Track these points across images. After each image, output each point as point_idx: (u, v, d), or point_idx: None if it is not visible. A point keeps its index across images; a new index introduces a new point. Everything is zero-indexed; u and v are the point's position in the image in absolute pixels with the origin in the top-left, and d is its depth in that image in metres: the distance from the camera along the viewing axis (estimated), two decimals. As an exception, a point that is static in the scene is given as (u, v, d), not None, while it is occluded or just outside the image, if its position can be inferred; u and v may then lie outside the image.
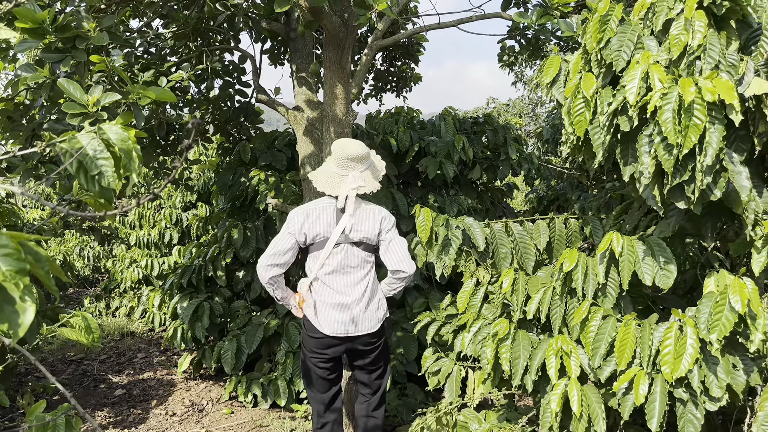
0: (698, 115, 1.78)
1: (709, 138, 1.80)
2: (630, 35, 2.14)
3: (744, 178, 1.92)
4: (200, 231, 6.26)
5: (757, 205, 2.11)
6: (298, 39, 4.26)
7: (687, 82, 1.79)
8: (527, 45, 4.89)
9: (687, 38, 1.94)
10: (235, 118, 5.36)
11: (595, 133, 2.12)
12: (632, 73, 1.97)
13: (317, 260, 3.02)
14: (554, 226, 2.93)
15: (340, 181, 2.95)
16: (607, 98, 2.08)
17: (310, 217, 2.98)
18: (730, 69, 1.96)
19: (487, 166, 6.07)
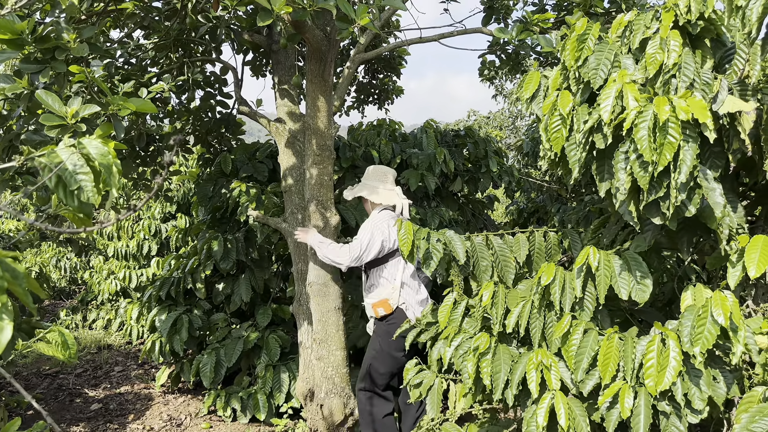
0: (673, 134, 1.82)
1: (683, 155, 1.84)
2: (607, 53, 2.18)
3: (718, 194, 1.96)
4: (179, 242, 6.20)
5: (732, 220, 2.16)
6: (280, 51, 4.26)
7: (662, 101, 1.82)
8: (507, 60, 4.95)
9: (663, 57, 1.98)
10: (216, 129, 5.33)
11: (572, 149, 2.15)
12: (607, 91, 2.01)
13: (399, 265, 3.51)
14: (534, 240, 2.96)
15: (393, 195, 3.61)
16: (583, 116, 2.11)
17: (391, 226, 3.50)
18: (705, 87, 2.00)
19: (468, 178, 6.11)
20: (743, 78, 2.28)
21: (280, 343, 4.57)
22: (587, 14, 4.16)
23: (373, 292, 3.54)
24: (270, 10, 2.81)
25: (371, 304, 3.52)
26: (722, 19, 2.21)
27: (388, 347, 3.46)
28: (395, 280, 3.51)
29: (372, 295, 3.53)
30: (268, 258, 5.08)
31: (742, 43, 2.24)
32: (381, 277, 3.52)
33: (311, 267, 3.78)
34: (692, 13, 2.11)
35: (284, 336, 4.66)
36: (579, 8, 4.15)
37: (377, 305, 3.49)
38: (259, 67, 5.57)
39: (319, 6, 2.96)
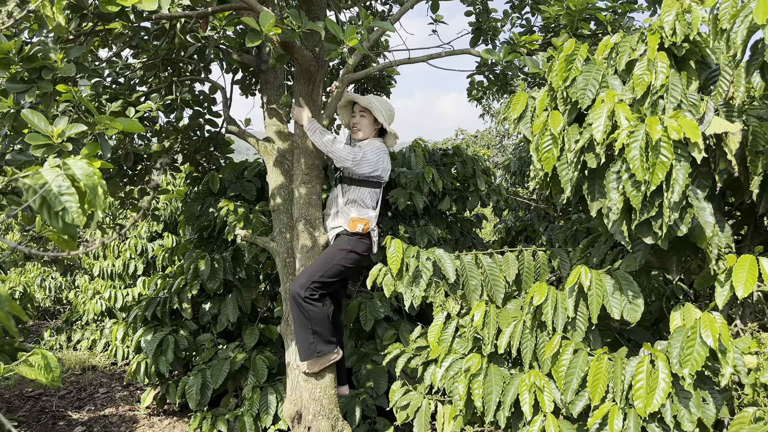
0: (665, 153, 1.83)
1: (676, 175, 1.85)
2: (595, 74, 2.20)
3: (708, 213, 1.97)
4: (166, 262, 6.14)
5: (720, 239, 2.17)
6: (269, 71, 4.26)
7: (654, 121, 1.84)
8: (495, 80, 4.99)
9: (650, 78, 2.00)
10: (204, 147, 5.31)
11: (563, 169, 2.15)
12: (598, 111, 2.02)
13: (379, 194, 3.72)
14: (523, 259, 2.96)
15: None
16: (574, 136, 2.12)
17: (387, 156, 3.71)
18: (692, 108, 2.02)
19: (456, 197, 6.13)
20: (728, 99, 2.31)
21: (267, 364, 4.51)
22: (574, 36, 4.21)
23: (354, 208, 3.63)
24: (259, 32, 2.82)
25: (352, 217, 3.59)
26: (707, 42, 2.24)
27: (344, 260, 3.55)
28: (377, 206, 3.71)
29: (353, 210, 3.62)
30: (255, 277, 5.04)
31: (726, 64, 2.27)
32: (366, 198, 3.64)
33: (300, 287, 3.75)
34: (677, 35, 2.14)
35: (272, 357, 4.60)
36: (565, 30, 4.19)
37: (358, 221, 3.57)
38: (249, 86, 5.56)
39: (308, 27, 2.97)
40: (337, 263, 3.55)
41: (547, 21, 4.49)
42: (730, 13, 1.94)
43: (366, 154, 3.56)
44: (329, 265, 3.55)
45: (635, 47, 2.25)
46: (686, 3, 2.20)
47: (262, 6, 3.11)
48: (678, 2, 2.20)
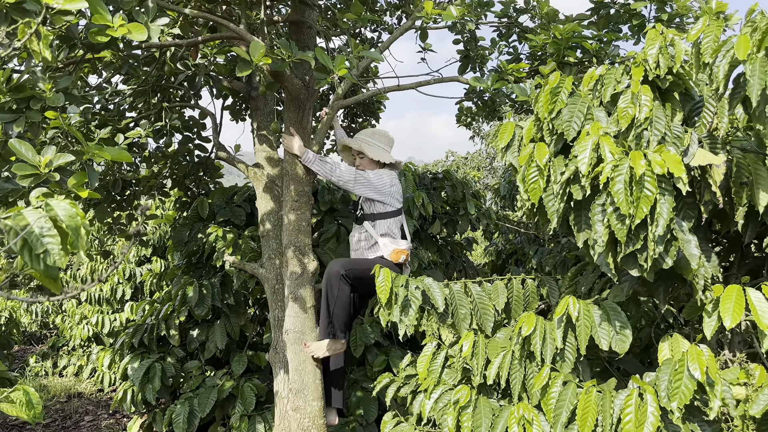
0: (649, 187, 1.84)
1: (660, 209, 1.86)
2: (580, 106, 2.23)
3: (693, 246, 1.98)
4: (154, 287, 6.08)
5: (707, 270, 2.18)
6: (259, 98, 4.28)
7: (637, 156, 1.86)
8: (484, 106, 5.03)
9: (634, 111, 2.03)
10: (193, 172, 5.30)
11: (549, 200, 2.17)
12: (583, 143, 2.04)
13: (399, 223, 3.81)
14: (512, 287, 2.96)
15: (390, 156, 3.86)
16: (559, 167, 2.14)
17: (395, 180, 3.81)
18: (676, 141, 2.05)
19: (446, 221, 6.14)
20: (712, 130, 2.34)
21: (255, 392, 4.46)
22: (560, 64, 4.26)
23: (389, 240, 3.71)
24: (249, 61, 2.83)
25: (395, 249, 3.67)
26: (690, 74, 2.28)
27: None
28: (408, 235, 3.86)
29: (394, 241, 3.72)
30: (244, 303, 5.00)
31: (710, 96, 2.30)
32: (393, 228, 3.75)
33: (288, 314, 3.72)
34: (661, 68, 2.17)
35: (260, 384, 4.55)
36: (552, 58, 4.25)
37: (401, 252, 3.68)
38: (239, 112, 5.58)
39: (298, 57, 3.00)
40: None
41: (534, 49, 4.55)
42: (712, 48, 1.98)
43: (369, 176, 3.68)
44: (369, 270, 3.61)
45: (620, 79, 2.28)
46: (669, 36, 2.24)
47: (252, 36, 3.14)
48: (661, 36, 2.24)
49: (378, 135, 3.92)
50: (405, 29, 4.43)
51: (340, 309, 3.58)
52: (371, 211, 3.75)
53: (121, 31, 2.40)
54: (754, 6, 1.95)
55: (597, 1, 4.50)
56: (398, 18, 6.03)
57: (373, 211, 3.75)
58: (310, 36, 3.62)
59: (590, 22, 4.67)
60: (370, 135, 3.91)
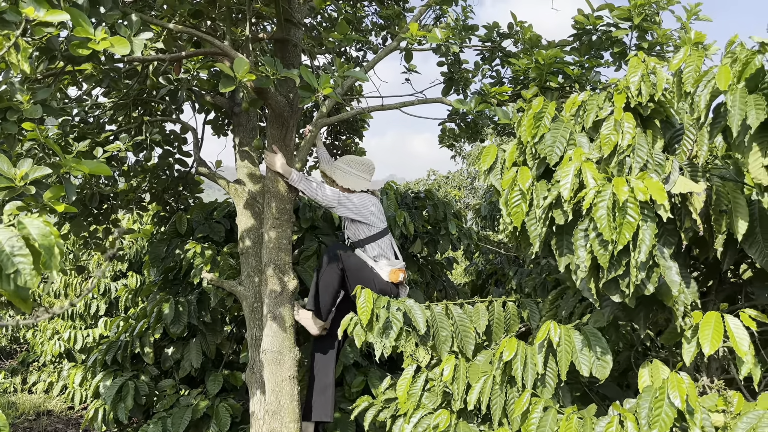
0: (632, 213, 1.85)
1: (643, 235, 1.87)
2: (563, 132, 2.24)
3: (674, 272, 1.99)
4: (129, 303, 5.97)
5: (686, 297, 2.19)
6: (242, 114, 4.26)
7: (620, 182, 1.87)
8: (466, 128, 5.06)
9: (617, 138, 2.04)
10: (173, 187, 5.23)
11: (532, 224, 2.17)
12: (566, 169, 2.04)
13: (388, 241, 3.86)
14: (493, 310, 2.95)
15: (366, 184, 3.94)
16: (542, 192, 2.14)
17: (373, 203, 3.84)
18: (658, 168, 2.07)
19: (427, 240, 6.13)
20: (691, 158, 2.36)
21: (230, 413, 4.37)
22: (542, 89, 4.31)
23: (384, 261, 3.75)
24: (233, 77, 2.81)
25: (391, 268, 3.72)
26: (671, 102, 2.31)
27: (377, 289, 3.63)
28: (399, 257, 3.93)
29: (389, 262, 3.76)
30: (220, 321, 4.92)
31: (690, 124, 2.33)
32: (386, 249, 3.80)
33: (266, 333, 3.67)
34: (643, 95, 2.20)
35: (235, 405, 4.46)
36: (534, 83, 4.29)
37: (399, 271, 3.73)
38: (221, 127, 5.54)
39: (283, 75, 2.98)
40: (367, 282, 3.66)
41: (517, 73, 4.59)
42: (694, 78, 2.01)
43: (353, 199, 3.73)
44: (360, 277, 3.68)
45: (602, 106, 2.30)
46: (651, 65, 2.27)
47: (237, 52, 3.12)
48: (643, 64, 2.27)
49: (355, 163, 3.97)
50: (390, 50, 4.45)
51: (324, 290, 3.71)
52: (357, 237, 3.78)
53: (104, 44, 2.37)
54: (734, 37, 1.99)
55: (579, 28, 4.57)
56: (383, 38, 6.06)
57: (359, 237, 3.77)
58: (295, 54, 3.62)
59: (572, 47, 4.74)
60: (346, 163, 3.97)
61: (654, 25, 4.26)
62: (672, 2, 4.33)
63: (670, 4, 4.33)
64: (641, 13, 4.13)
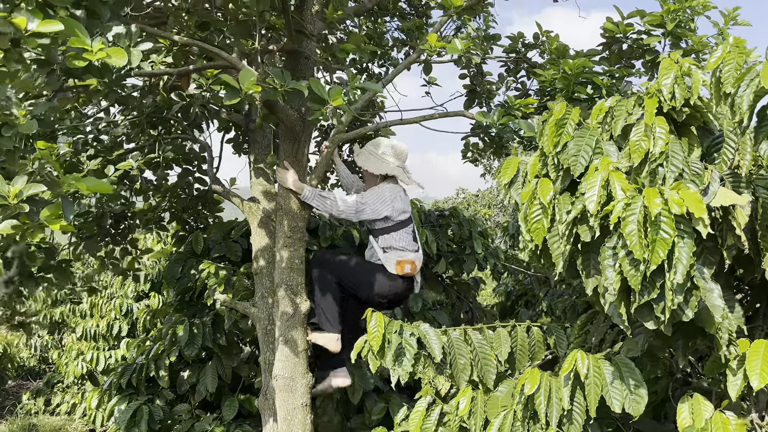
0: (666, 229, 1.64)
1: (679, 253, 1.65)
2: (588, 140, 2.04)
3: (716, 296, 1.76)
4: (148, 324, 5.88)
5: (731, 323, 1.95)
6: (257, 130, 4.15)
7: (652, 193, 1.65)
8: (491, 142, 4.87)
9: (648, 145, 1.83)
10: (192, 206, 5.16)
11: (554, 242, 1.96)
12: (591, 180, 1.84)
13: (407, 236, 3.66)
14: (516, 335, 2.73)
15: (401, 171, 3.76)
16: (565, 206, 1.94)
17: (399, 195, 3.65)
18: (695, 178, 1.85)
19: (452, 259, 5.92)
20: (733, 168, 2.13)
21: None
22: (570, 100, 4.10)
23: (392, 253, 3.60)
24: (238, 89, 2.69)
25: (398, 259, 3.56)
26: (709, 107, 2.09)
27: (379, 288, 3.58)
28: (418, 248, 3.73)
29: (398, 252, 3.60)
30: (237, 344, 4.78)
31: (730, 131, 2.11)
32: (396, 241, 3.61)
33: (278, 358, 3.50)
34: (677, 99, 1.99)
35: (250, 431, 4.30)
36: (561, 94, 4.09)
37: (406, 262, 3.56)
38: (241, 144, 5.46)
39: (291, 86, 2.85)
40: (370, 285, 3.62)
41: (543, 85, 4.39)
42: (734, 77, 1.79)
43: (366, 200, 3.56)
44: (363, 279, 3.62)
45: (631, 111, 2.10)
46: (685, 66, 2.06)
47: (245, 64, 3.01)
48: (676, 65, 2.06)
49: (381, 145, 3.78)
50: (410, 62, 4.30)
51: (325, 303, 3.57)
52: (373, 226, 3.65)
53: (100, 55, 2.27)
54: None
55: (609, 36, 4.36)
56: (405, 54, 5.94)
57: (374, 227, 3.64)
58: (308, 66, 3.50)
59: (602, 57, 4.53)
60: (373, 144, 3.80)
61: (689, 32, 4.03)
62: (708, 7, 4.10)
63: (706, 9, 4.09)
64: (675, 19, 3.90)
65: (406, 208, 3.71)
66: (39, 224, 2.49)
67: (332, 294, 3.61)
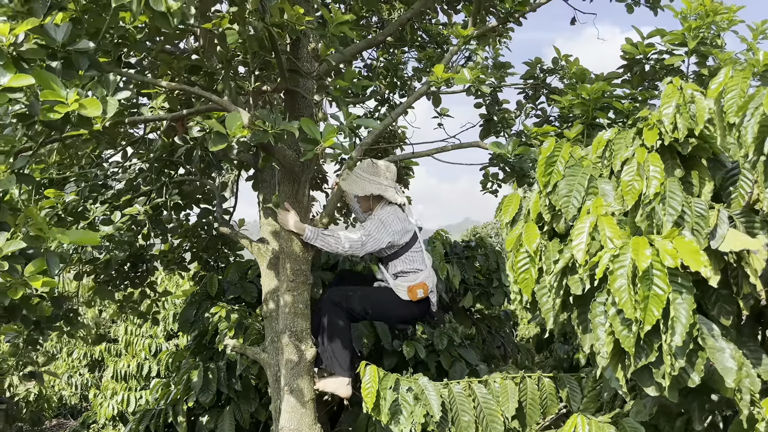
0: (659, 284, 1.43)
1: (676, 312, 1.43)
2: (580, 178, 1.84)
3: (728, 356, 1.53)
4: (171, 367, 5.84)
5: (753, 382, 1.69)
6: (265, 170, 4.08)
7: (641, 243, 1.45)
8: (512, 172, 4.66)
9: (641, 186, 1.63)
10: (212, 245, 5.12)
11: (543, 295, 1.76)
12: (580, 225, 1.64)
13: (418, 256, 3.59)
14: (525, 388, 2.51)
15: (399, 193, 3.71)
16: (553, 254, 1.74)
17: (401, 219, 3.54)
18: (699, 221, 1.63)
19: (479, 292, 5.69)
20: (752, 203, 1.89)
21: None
22: (591, 126, 3.88)
23: (408, 276, 3.53)
24: (224, 134, 2.60)
25: (408, 286, 3.48)
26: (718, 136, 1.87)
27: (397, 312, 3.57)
28: (426, 265, 3.61)
29: (408, 279, 3.53)
30: (254, 388, 4.65)
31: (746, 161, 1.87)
32: (407, 265, 3.53)
33: (284, 408, 3.35)
34: (680, 130, 1.78)
35: (266, 481, 4.14)
36: (580, 120, 3.87)
37: (417, 287, 3.49)
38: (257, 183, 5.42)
39: (282, 128, 2.75)
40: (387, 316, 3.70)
41: (563, 111, 4.19)
42: (738, 105, 1.58)
43: (370, 232, 3.46)
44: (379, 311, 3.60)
45: (630, 145, 1.90)
46: (689, 92, 1.85)
47: (237, 107, 2.93)
48: (679, 92, 1.86)
49: (366, 165, 3.63)
50: (420, 94, 4.16)
51: (333, 342, 3.45)
52: (380, 255, 3.56)
53: (74, 106, 2.21)
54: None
55: (629, 58, 4.13)
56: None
57: (381, 255, 3.56)
58: (306, 105, 3.40)
59: (624, 80, 4.30)
60: (360, 168, 3.63)
61: (714, 49, 3.77)
62: (734, 22, 3.83)
63: (732, 24, 3.83)
64: (696, 37, 3.65)
65: (408, 227, 3.57)
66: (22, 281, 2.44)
67: (344, 336, 3.47)
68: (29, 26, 2.21)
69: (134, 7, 2.09)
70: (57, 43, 2.31)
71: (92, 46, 2.34)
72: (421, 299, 3.52)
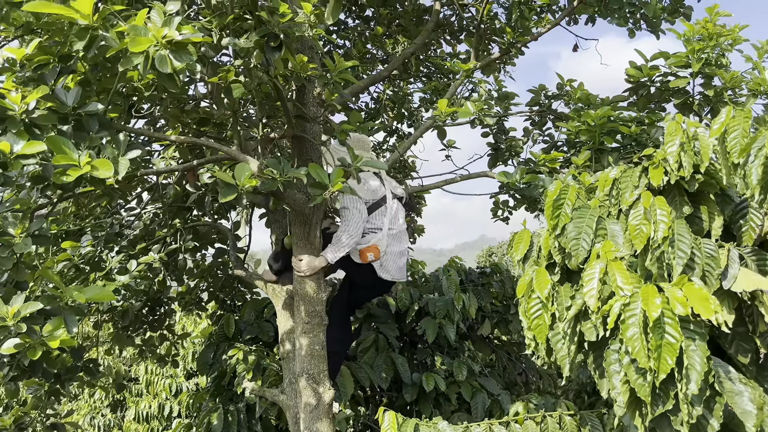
0: (671, 332, 1.42)
1: (690, 360, 1.42)
2: (588, 220, 1.84)
3: (746, 400, 1.50)
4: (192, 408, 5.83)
5: (777, 422, 1.66)
6: (277, 211, 4.12)
7: (650, 292, 1.44)
8: (522, 199, 4.66)
9: (649, 230, 1.63)
10: (229, 284, 5.15)
11: (557, 341, 1.76)
12: (590, 271, 1.64)
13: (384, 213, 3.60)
14: (546, 428, 2.47)
15: None
16: (565, 299, 1.74)
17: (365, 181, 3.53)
18: (710, 261, 1.62)
19: (497, 320, 5.64)
20: (763, 235, 1.88)
21: None
22: (598, 151, 3.88)
23: (365, 238, 3.53)
24: (234, 185, 2.64)
25: (360, 249, 3.50)
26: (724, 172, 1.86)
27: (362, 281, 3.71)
28: (383, 227, 3.58)
29: (363, 240, 3.52)
30: (274, 428, 4.63)
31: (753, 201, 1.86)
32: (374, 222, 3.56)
33: (304, 452, 3.33)
34: (685, 168, 1.78)
35: None
36: (587, 146, 3.87)
37: (367, 250, 3.50)
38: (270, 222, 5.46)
39: (290, 175, 2.79)
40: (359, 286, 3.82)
41: (570, 136, 4.20)
42: (741, 146, 1.58)
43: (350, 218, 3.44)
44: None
45: (637, 183, 1.90)
46: (692, 130, 1.85)
47: (246, 156, 2.97)
48: (682, 130, 1.86)
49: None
50: (426, 128, 4.21)
51: None
52: None
53: (86, 169, 2.26)
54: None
55: (634, 81, 4.14)
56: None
57: None
58: (314, 149, 3.44)
59: (630, 103, 4.31)
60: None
61: (719, 69, 3.77)
62: (738, 41, 3.84)
63: (736, 43, 3.84)
64: (700, 59, 3.66)
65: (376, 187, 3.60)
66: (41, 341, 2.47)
67: None
68: (41, 94, 2.27)
69: (141, 69, 2.13)
70: (68, 108, 2.36)
71: (101, 108, 2.40)
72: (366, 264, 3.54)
